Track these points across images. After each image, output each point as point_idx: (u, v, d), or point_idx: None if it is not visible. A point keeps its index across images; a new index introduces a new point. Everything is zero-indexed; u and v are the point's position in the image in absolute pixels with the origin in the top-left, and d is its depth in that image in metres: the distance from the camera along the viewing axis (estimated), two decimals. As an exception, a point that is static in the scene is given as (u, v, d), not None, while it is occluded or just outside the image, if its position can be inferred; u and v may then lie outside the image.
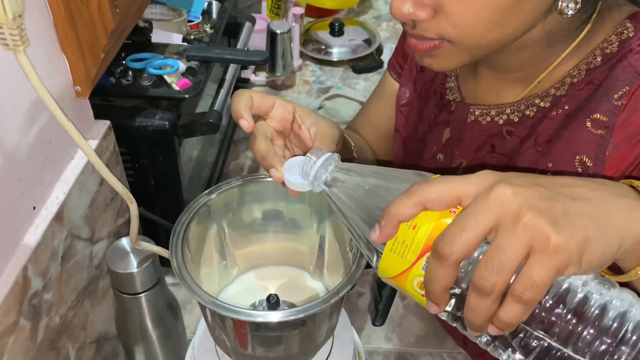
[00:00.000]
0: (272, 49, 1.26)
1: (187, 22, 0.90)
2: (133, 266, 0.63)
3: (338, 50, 1.43)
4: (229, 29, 1.01)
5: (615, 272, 0.41)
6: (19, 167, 0.55)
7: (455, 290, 0.38)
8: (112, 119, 0.70)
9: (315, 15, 1.55)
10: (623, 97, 0.51)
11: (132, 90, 0.76)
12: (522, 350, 0.38)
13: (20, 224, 0.56)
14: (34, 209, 0.58)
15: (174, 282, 0.77)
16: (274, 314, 0.47)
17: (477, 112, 0.62)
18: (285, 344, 0.54)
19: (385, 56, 1.45)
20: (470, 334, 0.39)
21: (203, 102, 0.87)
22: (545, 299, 0.36)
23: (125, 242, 0.64)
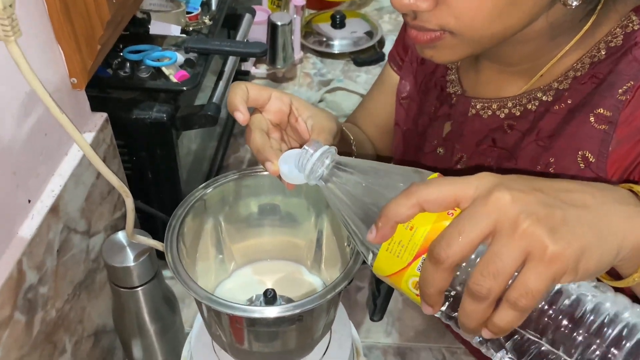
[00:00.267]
0: (272, 41, 1.25)
1: (186, 13, 0.89)
2: (130, 260, 0.62)
3: (339, 42, 1.41)
4: (229, 20, 1.00)
5: (613, 277, 0.41)
6: (14, 160, 0.54)
7: (451, 291, 0.38)
8: (109, 111, 0.70)
9: (317, 7, 1.53)
10: (627, 92, 0.50)
11: (129, 82, 0.76)
12: (514, 353, 0.38)
13: (14, 217, 0.55)
14: (29, 202, 0.57)
15: (172, 275, 0.76)
16: (269, 309, 0.46)
17: (479, 106, 0.61)
18: (282, 340, 0.53)
19: (387, 49, 1.44)
20: (463, 334, 0.39)
21: (202, 94, 0.86)
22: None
23: (122, 236, 0.64)
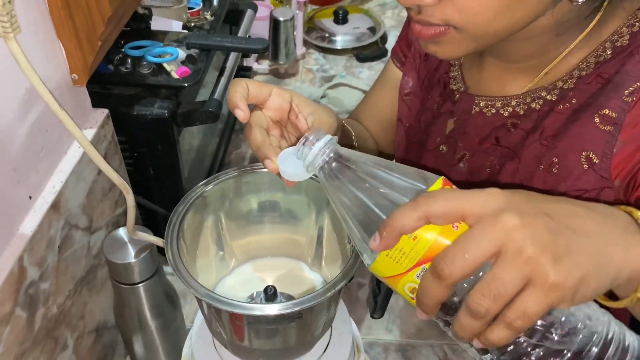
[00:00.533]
0: (275, 36, 1.24)
1: (188, 9, 0.89)
2: (131, 256, 0.63)
3: (342, 38, 1.41)
4: (231, 16, 1.00)
5: (609, 297, 0.42)
6: (15, 156, 0.54)
7: (446, 301, 0.38)
8: (111, 108, 0.69)
9: (319, 2, 1.53)
10: (634, 94, 0.50)
11: (130, 79, 0.76)
12: (497, 352, 0.39)
13: (15, 214, 0.55)
14: (30, 198, 0.57)
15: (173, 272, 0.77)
16: (269, 307, 0.46)
17: (482, 104, 0.61)
18: (282, 337, 0.53)
19: (390, 44, 1.43)
20: (451, 335, 0.40)
21: (203, 90, 0.86)
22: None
23: (123, 232, 0.64)
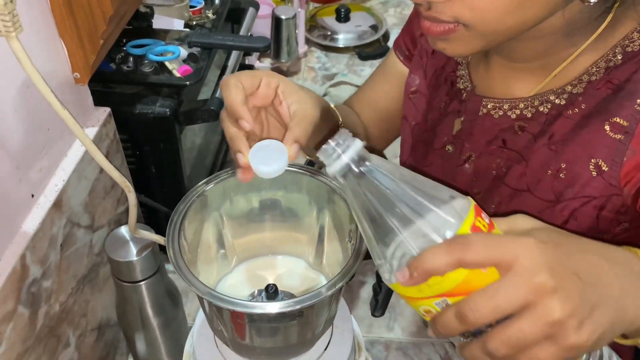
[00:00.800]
0: (277, 34, 1.24)
1: (189, 7, 0.89)
2: (133, 254, 0.63)
3: (344, 36, 1.41)
4: (232, 14, 1.00)
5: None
6: (17, 154, 0.55)
7: None
8: (113, 106, 0.70)
9: (321, 0, 1.53)
10: None
11: (132, 77, 0.76)
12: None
13: (18, 212, 0.56)
14: (33, 196, 0.58)
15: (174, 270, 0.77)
16: (270, 305, 0.46)
17: (490, 105, 0.60)
18: (283, 335, 0.53)
19: (392, 42, 1.43)
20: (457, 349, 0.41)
21: (205, 88, 0.86)
22: None
23: (125, 231, 0.64)
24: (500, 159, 0.60)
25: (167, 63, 0.77)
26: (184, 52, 0.79)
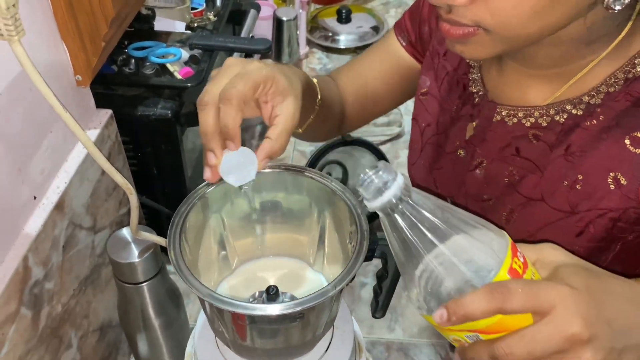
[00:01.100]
0: (278, 36, 1.25)
1: (191, 9, 0.90)
2: (134, 256, 0.63)
3: (345, 37, 1.41)
4: (234, 16, 1.00)
5: None
6: (19, 156, 0.55)
7: None
8: (114, 108, 0.70)
9: (323, 1, 1.53)
10: None
11: (134, 79, 0.76)
12: None
13: (20, 214, 0.56)
14: (35, 198, 0.58)
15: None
16: (271, 307, 0.46)
17: (504, 113, 0.59)
18: (284, 336, 0.53)
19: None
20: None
21: (207, 90, 0.87)
22: None
23: (126, 232, 0.64)
24: (513, 167, 0.59)
25: (168, 65, 0.77)
26: (185, 54, 0.79)
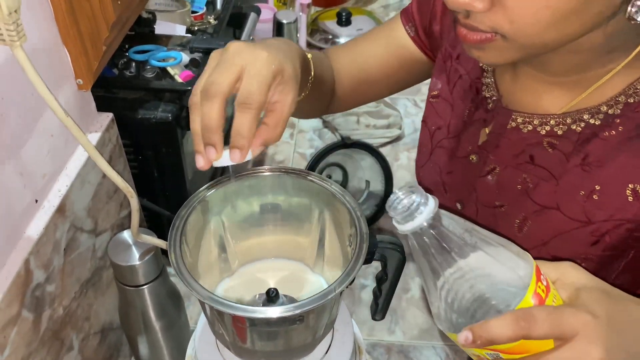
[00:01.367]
0: (278, 39, 1.25)
1: (191, 13, 0.90)
2: (135, 259, 0.63)
3: (345, 40, 1.41)
4: (234, 19, 1.00)
5: None
6: (21, 160, 0.55)
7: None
8: (115, 111, 0.70)
9: (323, 4, 1.53)
10: None
11: (135, 82, 0.76)
12: None
13: (22, 217, 0.56)
14: (36, 202, 0.58)
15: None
16: (271, 309, 0.47)
17: (520, 120, 0.58)
18: (284, 338, 0.54)
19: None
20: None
21: (207, 93, 0.87)
22: None
23: (127, 235, 0.65)
24: (527, 175, 0.58)
25: (169, 68, 0.78)
26: (185, 57, 0.79)
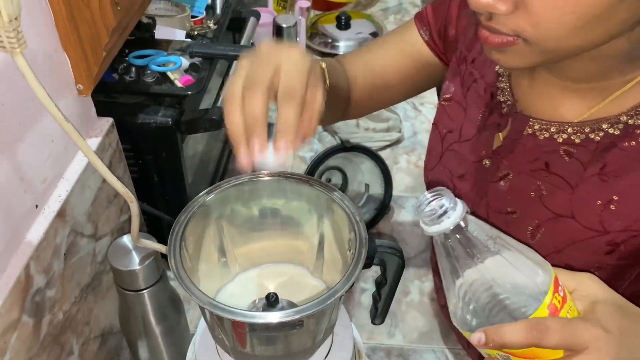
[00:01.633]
0: (278, 43, 1.25)
1: (191, 17, 0.90)
2: (135, 263, 0.63)
3: (345, 43, 1.42)
4: (234, 24, 1.01)
5: None
6: (21, 166, 0.56)
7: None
8: (115, 116, 0.71)
9: (322, 8, 1.54)
10: None
11: (135, 87, 0.77)
12: None
13: (22, 223, 0.56)
14: (37, 207, 0.59)
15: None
16: (270, 315, 0.47)
17: (537, 126, 0.58)
18: (284, 343, 0.54)
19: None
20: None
21: (207, 97, 0.87)
22: None
23: (127, 240, 0.65)
24: (542, 182, 0.57)
25: (169, 73, 0.78)
26: (185, 62, 0.80)
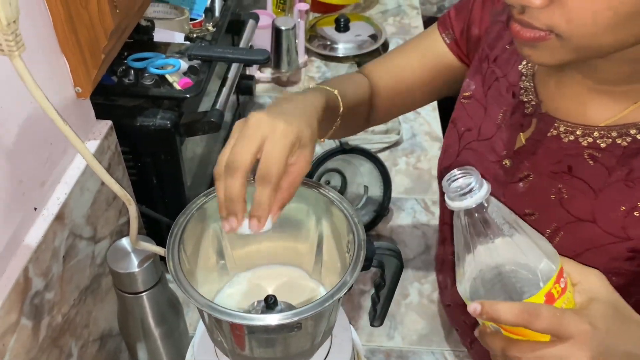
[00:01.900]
0: (277, 45, 1.25)
1: (190, 20, 0.90)
2: (134, 266, 0.64)
3: (344, 46, 1.42)
4: (232, 26, 1.01)
5: None
6: (20, 169, 0.56)
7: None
8: (114, 119, 0.71)
9: (321, 10, 1.54)
10: None
11: (133, 90, 0.77)
12: None
13: (21, 225, 0.57)
14: (35, 209, 0.59)
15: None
16: (269, 317, 0.47)
17: (562, 128, 0.56)
18: (282, 345, 0.54)
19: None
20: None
21: (206, 99, 0.87)
22: None
23: (126, 242, 0.65)
24: (563, 185, 0.56)
25: (167, 76, 0.78)
26: (184, 64, 0.80)
